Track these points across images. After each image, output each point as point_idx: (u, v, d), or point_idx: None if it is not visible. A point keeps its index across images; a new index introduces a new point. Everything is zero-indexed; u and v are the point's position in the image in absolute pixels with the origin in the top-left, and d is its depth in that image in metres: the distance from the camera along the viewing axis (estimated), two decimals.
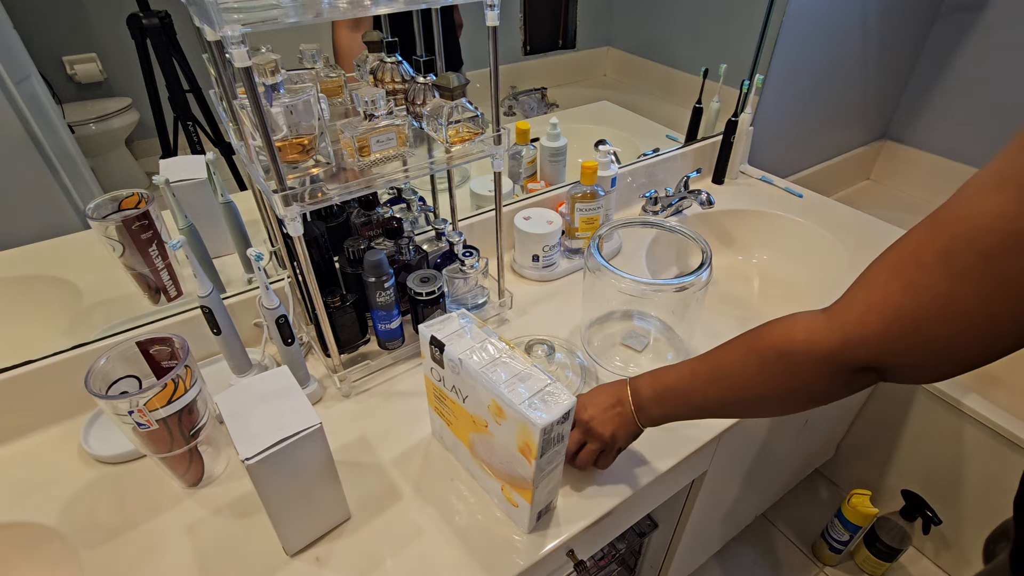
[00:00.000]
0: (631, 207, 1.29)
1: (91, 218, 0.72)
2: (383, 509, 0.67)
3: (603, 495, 0.69)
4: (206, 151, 0.79)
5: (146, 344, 0.65)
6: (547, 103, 1.19)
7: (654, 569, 1.22)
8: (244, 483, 0.70)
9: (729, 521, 1.29)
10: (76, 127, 0.71)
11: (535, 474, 0.55)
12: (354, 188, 0.65)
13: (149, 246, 0.76)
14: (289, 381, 0.59)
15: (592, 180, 1.02)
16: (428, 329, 0.61)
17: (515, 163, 1.14)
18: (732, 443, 0.94)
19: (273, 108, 0.59)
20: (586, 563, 0.74)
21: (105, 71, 0.70)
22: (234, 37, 0.50)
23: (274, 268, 0.90)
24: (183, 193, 0.75)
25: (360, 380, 0.83)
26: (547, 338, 0.88)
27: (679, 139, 1.36)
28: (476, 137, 0.72)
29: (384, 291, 0.78)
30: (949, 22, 1.77)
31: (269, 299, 0.70)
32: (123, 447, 0.71)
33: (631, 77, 1.30)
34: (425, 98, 0.73)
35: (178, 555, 0.62)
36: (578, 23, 1.15)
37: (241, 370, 0.77)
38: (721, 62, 1.25)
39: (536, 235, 1.00)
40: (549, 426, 0.52)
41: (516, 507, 0.62)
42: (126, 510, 0.67)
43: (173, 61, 0.72)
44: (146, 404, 0.58)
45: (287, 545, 0.62)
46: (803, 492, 1.63)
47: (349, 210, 0.86)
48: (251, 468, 0.51)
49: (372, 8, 0.60)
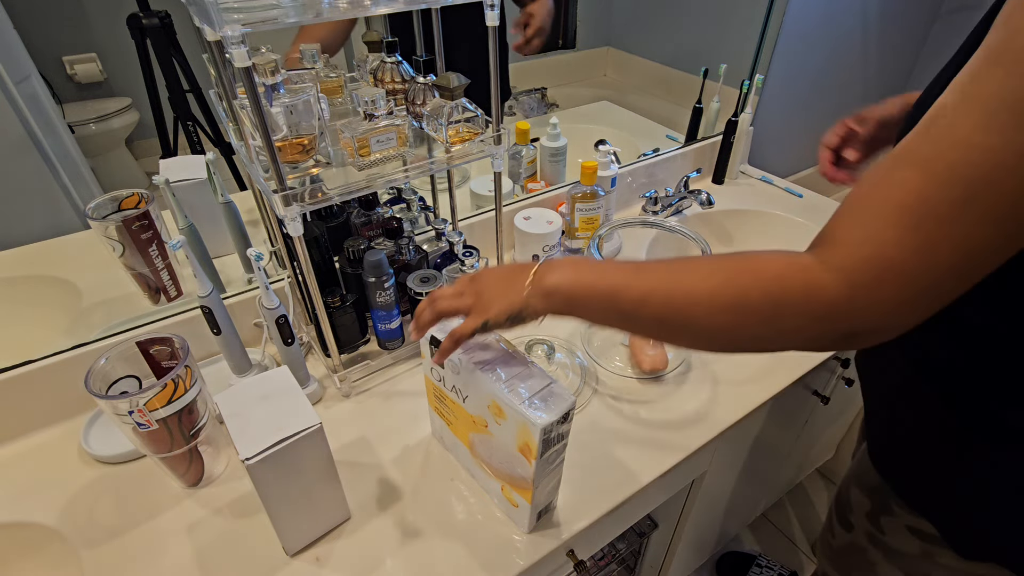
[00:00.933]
0: (631, 207, 1.29)
1: (91, 218, 0.72)
2: (383, 509, 0.67)
3: (603, 495, 0.68)
4: (206, 151, 0.80)
5: (146, 344, 0.65)
6: (547, 103, 1.19)
7: (654, 569, 1.22)
8: (244, 483, 0.70)
9: (729, 521, 1.29)
10: (76, 127, 0.71)
11: (535, 474, 0.55)
12: (354, 188, 0.65)
13: (149, 246, 0.76)
14: (289, 381, 0.59)
15: (592, 180, 1.02)
16: (429, 329, 0.61)
17: (515, 163, 1.13)
18: (732, 443, 0.95)
19: (273, 108, 0.59)
20: (586, 563, 0.74)
21: (105, 71, 0.70)
22: (234, 37, 0.50)
23: (274, 268, 0.90)
24: (183, 193, 0.75)
25: (360, 380, 0.83)
26: (547, 338, 0.88)
27: (679, 139, 1.36)
28: (476, 137, 0.72)
29: (384, 291, 0.78)
30: (949, 22, 1.77)
31: (269, 299, 0.70)
32: (123, 447, 0.71)
33: (631, 77, 1.30)
34: (425, 98, 0.73)
35: (178, 555, 0.62)
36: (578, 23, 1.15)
37: (241, 370, 0.77)
38: (721, 62, 1.25)
39: (536, 235, 1.00)
40: (549, 426, 0.51)
41: (516, 507, 0.62)
42: (126, 510, 0.67)
43: (173, 61, 0.72)
44: (146, 404, 0.58)
45: (287, 545, 0.62)
46: (803, 492, 1.63)
47: (349, 210, 0.86)
48: (251, 468, 0.51)
49: (372, 8, 0.60)
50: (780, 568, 1.40)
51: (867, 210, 0.40)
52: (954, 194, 0.35)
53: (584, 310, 0.50)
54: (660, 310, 0.46)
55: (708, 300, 0.44)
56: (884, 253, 0.38)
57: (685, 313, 0.45)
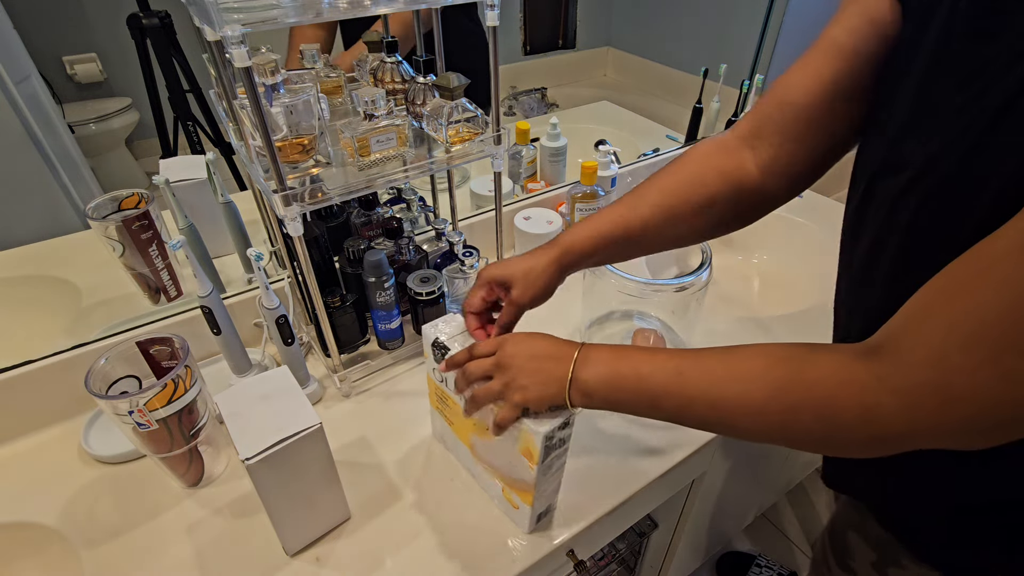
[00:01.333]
0: None
1: (91, 218, 0.72)
2: (383, 509, 0.67)
3: (603, 495, 0.68)
4: (206, 151, 0.80)
5: (146, 344, 0.65)
6: (547, 103, 1.19)
7: (654, 569, 1.22)
8: (244, 483, 0.70)
9: (729, 521, 1.29)
10: (76, 127, 0.71)
11: (536, 478, 0.55)
12: (354, 188, 0.65)
13: (149, 246, 0.76)
14: (289, 381, 0.59)
15: (592, 180, 1.02)
16: (432, 330, 0.61)
17: (515, 163, 1.14)
18: (732, 443, 0.94)
19: (273, 108, 0.59)
20: (586, 563, 0.74)
21: (105, 71, 0.70)
22: (234, 37, 0.50)
23: (274, 268, 0.90)
24: (183, 193, 0.75)
25: (360, 380, 0.83)
26: None
27: (679, 139, 1.36)
28: (476, 137, 0.72)
29: (384, 291, 0.78)
30: None
31: (269, 299, 0.70)
32: (123, 447, 0.71)
33: (631, 77, 1.30)
34: (425, 98, 0.73)
35: (178, 555, 0.62)
36: (578, 23, 1.15)
37: (241, 370, 0.77)
38: (721, 62, 1.26)
39: (536, 235, 1.00)
40: (551, 432, 0.51)
41: (516, 508, 0.62)
42: (126, 510, 0.67)
43: (173, 61, 0.72)
44: (146, 404, 0.58)
45: (287, 545, 0.62)
46: (803, 492, 1.63)
47: (349, 210, 0.86)
48: (251, 468, 0.51)
49: (372, 8, 0.60)
50: (780, 568, 1.40)
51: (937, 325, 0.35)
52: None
53: (626, 410, 0.50)
54: (706, 415, 0.45)
55: (756, 414, 0.42)
56: (951, 381, 0.34)
57: (732, 424, 0.44)
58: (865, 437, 0.39)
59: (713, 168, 0.60)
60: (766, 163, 0.58)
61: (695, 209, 0.60)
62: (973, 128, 0.36)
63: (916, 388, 0.35)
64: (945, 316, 0.34)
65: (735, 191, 0.59)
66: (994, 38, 0.35)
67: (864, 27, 0.49)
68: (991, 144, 0.34)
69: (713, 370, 0.45)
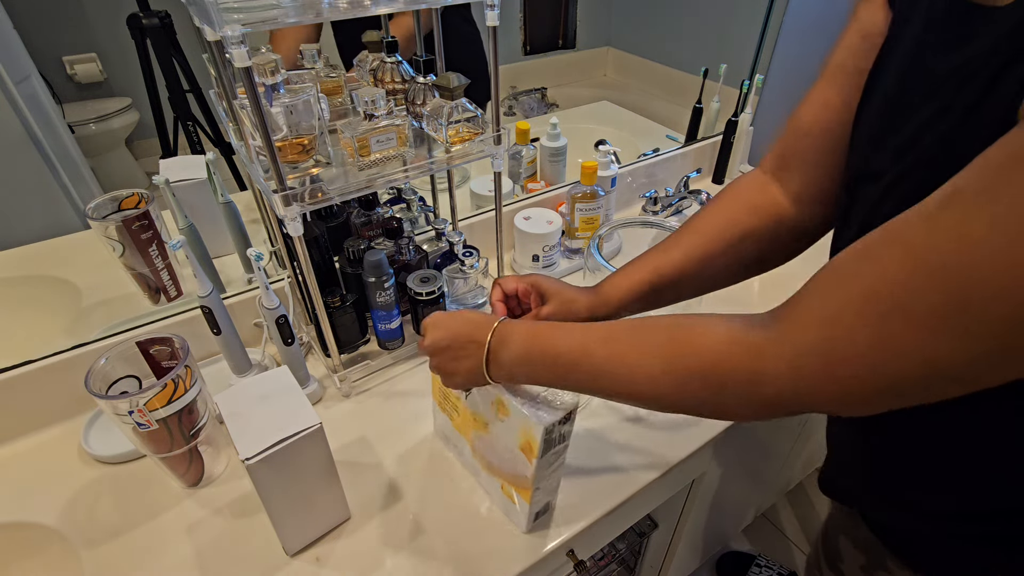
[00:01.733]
0: (631, 207, 1.29)
1: (91, 218, 0.72)
2: (383, 509, 0.67)
3: (603, 495, 0.69)
4: (206, 151, 0.80)
5: (146, 344, 0.65)
6: (547, 103, 1.19)
7: (654, 569, 1.22)
8: (244, 483, 0.70)
9: (729, 521, 1.29)
10: (76, 127, 0.71)
11: (535, 473, 0.55)
12: (354, 188, 0.65)
13: (149, 246, 0.76)
14: (289, 381, 0.59)
15: (592, 180, 1.02)
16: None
17: (515, 163, 1.14)
18: (732, 443, 0.94)
19: (273, 108, 0.59)
20: (586, 563, 0.74)
21: (105, 71, 0.70)
22: (234, 37, 0.50)
23: (274, 268, 0.90)
24: (183, 193, 0.75)
25: (360, 380, 0.84)
26: None
27: (679, 139, 1.36)
28: (476, 137, 0.72)
29: (384, 291, 0.78)
30: None
31: (269, 299, 0.70)
32: (123, 447, 0.71)
33: (631, 77, 1.30)
34: (425, 98, 0.73)
35: (178, 555, 0.62)
36: (578, 23, 1.15)
37: (241, 370, 0.77)
38: (721, 62, 1.26)
39: (536, 235, 1.00)
40: (552, 426, 0.52)
41: (515, 504, 0.62)
42: (126, 510, 0.67)
43: (173, 61, 0.72)
44: (146, 404, 0.58)
45: (287, 545, 0.62)
46: (803, 492, 1.63)
47: (349, 210, 0.86)
48: (251, 468, 0.52)
49: (372, 8, 0.60)
50: (780, 568, 1.40)
51: (835, 285, 0.35)
52: (937, 300, 0.29)
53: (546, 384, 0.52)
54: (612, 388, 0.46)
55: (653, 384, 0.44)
56: (834, 341, 0.34)
57: (634, 394, 0.45)
58: (755, 402, 0.39)
59: (744, 204, 0.61)
60: (796, 193, 0.59)
61: (727, 247, 0.61)
62: (940, 137, 0.37)
63: (801, 349, 0.35)
64: (849, 281, 0.34)
65: (773, 224, 0.60)
66: (958, 50, 0.36)
67: (860, 44, 0.51)
68: (957, 152, 0.34)
69: (617, 344, 0.46)
